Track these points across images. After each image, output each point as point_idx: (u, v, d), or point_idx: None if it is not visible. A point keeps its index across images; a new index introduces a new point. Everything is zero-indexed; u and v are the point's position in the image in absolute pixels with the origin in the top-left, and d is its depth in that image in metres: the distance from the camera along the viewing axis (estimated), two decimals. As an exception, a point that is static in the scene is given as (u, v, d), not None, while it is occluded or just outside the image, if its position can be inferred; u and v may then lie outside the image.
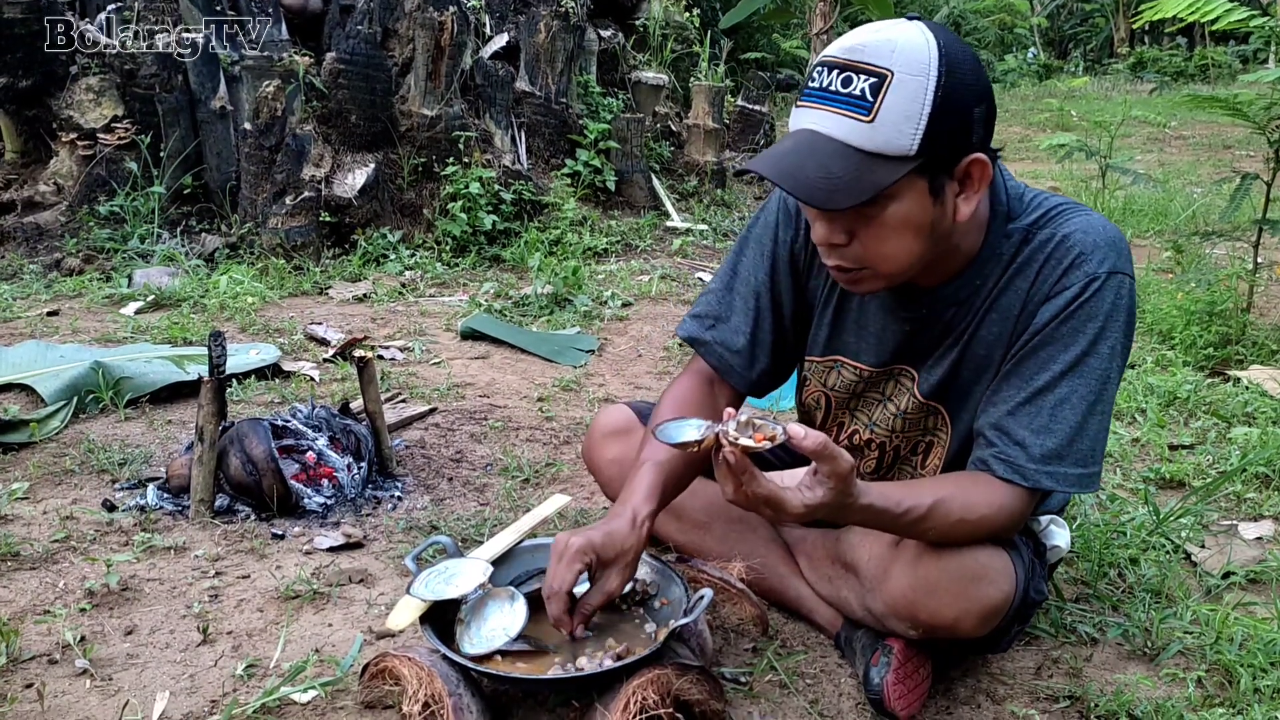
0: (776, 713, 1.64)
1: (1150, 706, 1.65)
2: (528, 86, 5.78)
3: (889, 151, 1.33)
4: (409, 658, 1.53)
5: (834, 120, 1.34)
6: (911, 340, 1.62)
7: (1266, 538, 2.27)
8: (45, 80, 4.86)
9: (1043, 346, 1.48)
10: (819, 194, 1.33)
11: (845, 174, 1.32)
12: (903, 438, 1.70)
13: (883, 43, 1.33)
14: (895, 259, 1.42)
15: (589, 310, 4.21)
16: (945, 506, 1.45)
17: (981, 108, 1.38)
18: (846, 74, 1.33)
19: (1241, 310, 3.60)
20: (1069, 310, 1.47)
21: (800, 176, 1.33)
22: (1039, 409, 1.47)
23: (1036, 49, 16.68)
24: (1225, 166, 7.29)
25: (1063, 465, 1.47)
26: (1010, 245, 1.52)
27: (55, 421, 2.78)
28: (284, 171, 4.74)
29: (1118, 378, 1.50)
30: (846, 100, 1.33)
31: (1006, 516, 1.48)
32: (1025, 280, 1.51)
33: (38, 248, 4.66)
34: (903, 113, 1.31)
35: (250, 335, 3.74)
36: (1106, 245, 1.47)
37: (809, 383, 1.79)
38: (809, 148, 1.35)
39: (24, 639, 1.79)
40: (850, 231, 1.41)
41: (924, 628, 1.55)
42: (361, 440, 2.50)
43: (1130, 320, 1.49)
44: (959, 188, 1.41)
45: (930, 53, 1.32)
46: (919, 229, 1.40)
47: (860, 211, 1.37)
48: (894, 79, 1.31)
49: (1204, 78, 13.35)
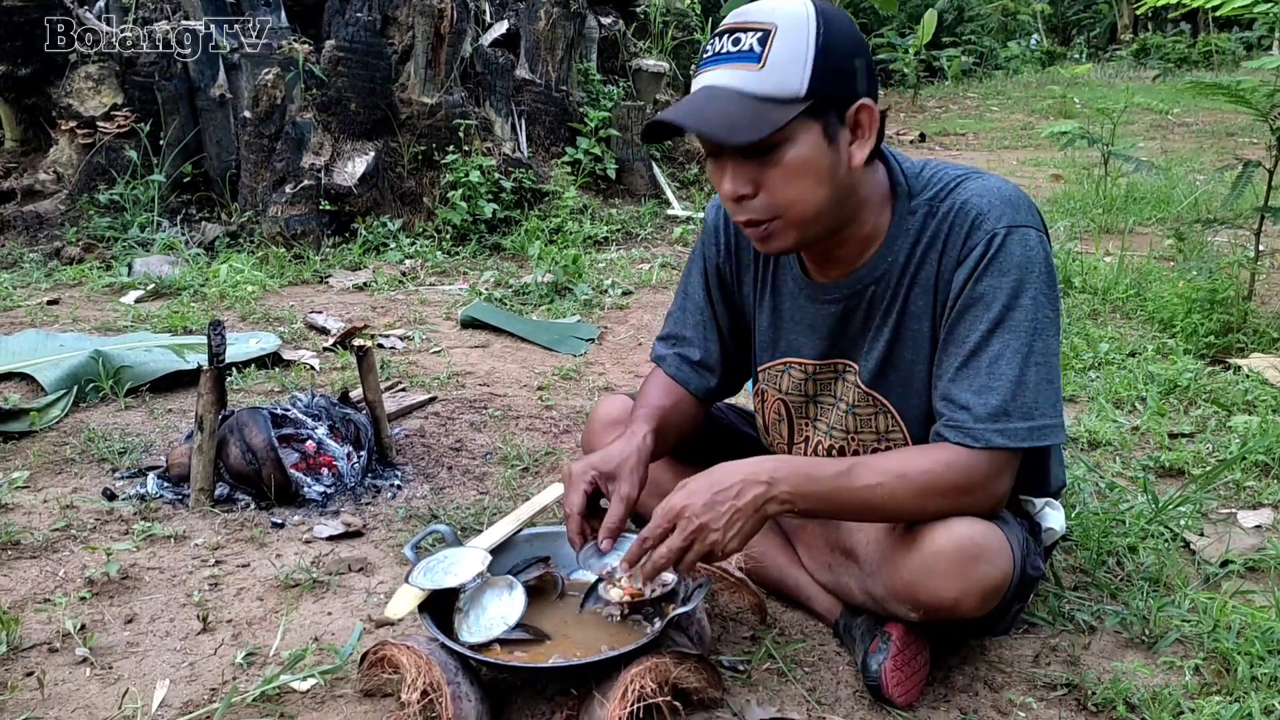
0: (774, 701, 1.64)
1: (1148, 694, 1.65)
2: (528, 74, 5.76)
3: (780, 94, 1.42)
4: (408, 646, 1.53)
5: (728, 73, 1.44)
6: (844, 325, 1.67)
7: (1265, 526, 2.26)
8: (45, 68, 4.85)
9: (966, 310, 1.52)
10: (721, 131, 1.42)
11: (743, 115, 1.42)
12: (858, 440, 1.71)
13: (763, 5, 1.45)
14: (801, 203, 1.49)
15: (589, 299, 4.21)
16: (880, 459, 1.52)
17: (861, 59, 1.48)
18: (735, 35, 1.45)
19: (1243, 298, 3.59)
20: (978, 270, 1.51)
21: (702, 119, 1.43)
22: (975, 370, 1.50)
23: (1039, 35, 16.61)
24: (1228, 154, 7.27)
25: (1011, 421, 1.48)
26: (916, 220, 1.58)
27: (55, 410, 2.78)
28: (284, 160, 4.73)
29: (1051, 329, 1.52)
30: (737, 55, 1.44)
31: (960, 474, 1.49)
32: (935, 252, 1.56)
33: (38, 236, 4.66)
34: (789, 57, 1.41)
35: (250, 324, 3.74)
36: (1003, 203, 1.53)
37: (766, 395, 1.83)
38: (708, 97, 1.45)
39: (24, 627, 1.80)
40: (754, 182, 1.48)
41: (925, 609, 1.55)
42: (361, 429, 2.50)
43: (1048, 270, 1.52)
44: (851, 135, 1.49)
45: (807, 8, 1.44)
46: (818, 172, 1.48)
47: (761, 160, 1.46)
48: (778, 30, 1.42)
49: (1207, 64, 13.29)
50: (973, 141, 8.68)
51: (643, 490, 1.64)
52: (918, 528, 1.53)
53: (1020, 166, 7.32)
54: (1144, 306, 3.83)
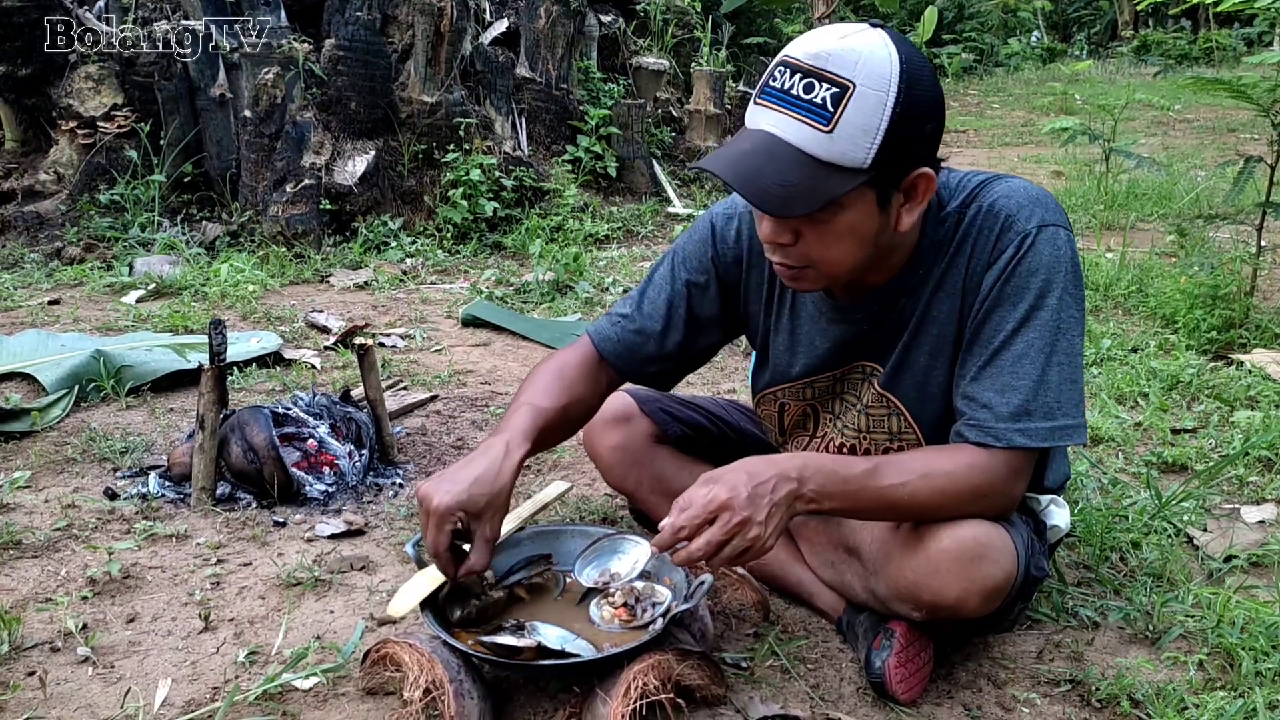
0: (777, 698, 1.64)
1: (1151, 690, 1.64)
2: (528, 72, 5.76)
3: (844, 163, 1.35)
4: (410, 644, 1.53)
5: (794, 126, 1.35)
6: (871, 337, 1.64)
7: (1269, 521, 2.26)
8: (45, 69, 4.84)
9: (993, 311, 1.51)
10: (774, 201, 1.36)
11: (801, 182, 1.35)
12: (870, 439, 1.70)
13: (847, 52, 1.34)
14: (838, 263, 1.47)
15: (590, 297, 4.20)
16: (903, 463, 1.48)
17: (934, 124, 1.42)
18: (809, 80, 1.34)
19: (1245, 294, 3.59)
20: (1009, 270, 1.50)
21: (757, 183, 1.36)
22: (999, 369, 1.49)
23: (1040, 32, 16.59)
24: (1229, 150, 7.26)
25: (1032, 420, 1.47)
26: (946, 230, 1.56)
27: (57, 410, 2.78)
28: (284, 159, 4.73)
29: (1075, 329, 1.51)
30: (807, 107, 1.34)
31: (981, 476, 1.47)
32: (964, 256, 1.54)
33: (38, 236, 4.66)
34: (861, 126, 1.33)
35: (251, 323, 3.74)
36: (1031, 203, 1.51)
37: (788, 408, 1.80)
38: (767, 152, 1.37)
39: (26, 627, 1.79)
40: (796, 232, 1.44)
41: (928, 608, 1.54)
42: (363, 428, 2.49)
43: (1074, 269, 1.51)
44: (904, 199, 1.45)
45: (893, 67, 1.34)
46: (863, 237, 1.45)
47: (810, 216, 1.40)
48: (855, 91, 1.33)
49: (1208, 61, 13.27)
50: (974, 139, 8.68)
51: None
52: (922, 527, 1.53)
53: (1021, 164, 7.31)
54: (1146, 302, 3.83)
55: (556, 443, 1.75)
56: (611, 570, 1.69)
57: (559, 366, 1.74)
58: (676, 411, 1.96)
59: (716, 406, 2.04)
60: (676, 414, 1.95)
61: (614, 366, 1.77)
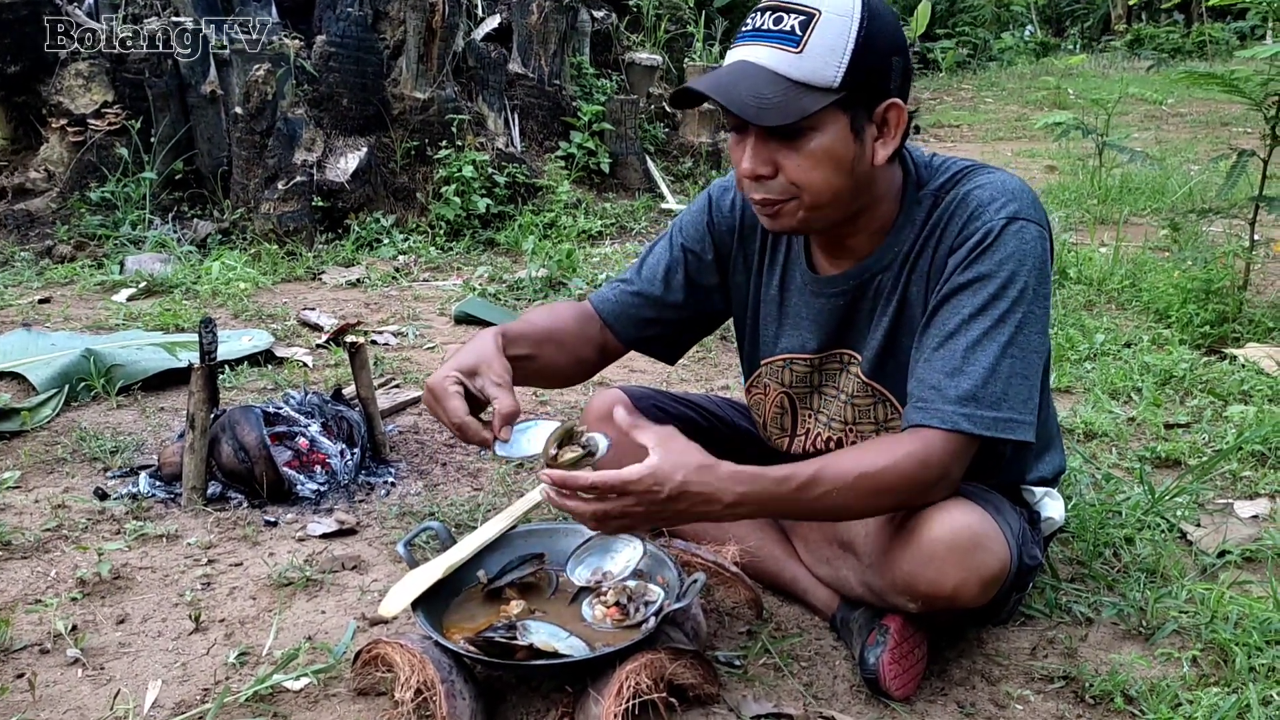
0: (771, 696, 1.63)
1: (1145, 686, 1.64)
2: (520, 68, 5.74)
3: (815, 81, 1.43)
4: (401, 644, 1.52)
5: (766, 52, 1.45)
6: (849, 316, 1.67)
7: (1262, 516, 2.26)
8: (35, 66, 4.82)
9: (952, 295, 1.52)
10: (750, 110, 1.43)
11: (774, 96, 1.43)
12: (856, 431, 1.70)
13: None
14: (818, 188, 1.49)
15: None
16: (835, 466, 1.46)
17: (899, 59, 1.48)
18: (778, 14, 1.45)
19: (1238, 288, 3.59)
20: (972, 256, 1.51)
21: (733, 94, 1.43)
22: (951, 353, 1.49)
23: (1033, 26, 16.58)
24: (1222, 143, 7.26)
25: (979, 408, 1.46)
26: (922, 209, 1.59)
27: (47, 410, 2.77)
28: (275, 156, 4.71)
29: (1036, 326, 1.51)
30: (777, 35, 1.44)
31: (919, 466, 1.46)
32: (934, 240, 1.57)
33: (29, 235, 4.64)
34: (829, 46, 1.42)
35: (243, 321, 3.73)
36: (1006, 195, 1.53)
37: (768, 389, 1.81)
38: (742, 73, 1.45)
39: (15, 628, 1.78)
40: (774, 163, 1.49)
41: (924, 599, 1.54)
42: (354, 426, 2.48)
43: (1042, 266, 1.52)
44: (877, 132, 1.50)
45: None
46: (840, 163, 1.48)
47: (784, 144, 1.47)
48: (821, 17, 1.43)
49: (1201, 54, 13.27)
50: (967, 133, 8.67)
51: (512, 376, 1.59)
52: (914, 519, 1.53)
53: (1015, 158, 7.31)
54: (1139, 297, 3.83)
55: (543, 368, 1.74)
56: (604, 569, 1.69)
57: (549, 306, 1.81)
58: (668, 407, 1.95)
59: (709, 403, 2.04)
60: (668, 409, 1.95)
61: (610, 325, 1.81)
